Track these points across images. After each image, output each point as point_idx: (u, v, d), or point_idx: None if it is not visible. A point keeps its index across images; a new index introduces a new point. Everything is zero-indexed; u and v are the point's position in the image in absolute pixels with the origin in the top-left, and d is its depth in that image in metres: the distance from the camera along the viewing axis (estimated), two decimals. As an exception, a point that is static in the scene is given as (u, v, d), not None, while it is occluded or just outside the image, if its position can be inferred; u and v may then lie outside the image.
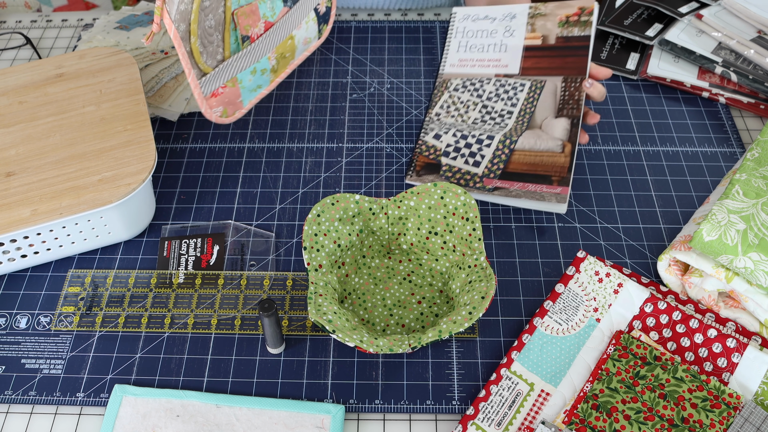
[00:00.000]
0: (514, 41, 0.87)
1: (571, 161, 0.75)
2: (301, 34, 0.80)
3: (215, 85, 0.73)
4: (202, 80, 0.72)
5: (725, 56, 0.89)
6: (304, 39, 0.81)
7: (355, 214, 0.70)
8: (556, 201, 0.73)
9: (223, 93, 0.74)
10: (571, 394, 0.62)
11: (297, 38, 0.80)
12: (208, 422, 0.62)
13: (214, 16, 0.71)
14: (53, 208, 0.67)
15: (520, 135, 0.79)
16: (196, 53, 0.70)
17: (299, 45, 0.81)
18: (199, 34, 0.70)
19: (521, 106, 0.81)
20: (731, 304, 0.67)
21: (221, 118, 0.75)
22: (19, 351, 0.68)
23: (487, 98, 0.83)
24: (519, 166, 0.76)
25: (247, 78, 0.76)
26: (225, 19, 0.72)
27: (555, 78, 0.82)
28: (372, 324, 0.68)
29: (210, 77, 0.72)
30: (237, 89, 0.75)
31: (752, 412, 0.59)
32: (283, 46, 0.78)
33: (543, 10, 0.85)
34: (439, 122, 0.83)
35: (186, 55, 0.70)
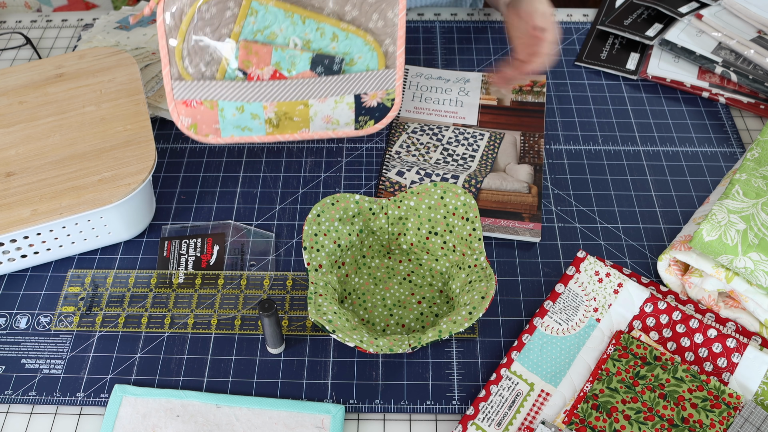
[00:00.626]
0: (470, 99, 0.89)
1: (539, 201, 0.76)
2: (322, 109, 0.71)
3: (190, 95, 0.70)
4: (177, 83, 0.70)
5: (725, 56, 0.89)
6: (326, 117, 0.72)
7: (355, 214, 0.70)
8: (530, 235, 0.74)
9: (196, 108, 0.70)
10: (571, 394, 0.62)
11: (314, 110, 0.71)
12: (208, 422, 0.62)
13: (213, 33, 0.68)
14: (53, 208, 0.67)
15: (485, 176, 0.79)
16: (178, 54, 0.68)
17: (317, 119, 0.72)
18: (187, 38, 0.68)
19: (483, 152, 0.82)
20: (731, 304, 0.67)
21: (189, 130, 0.72)
22: (19, 351, 0.68)
23: (447, 143, 0.84)
24: (488, 203, 0.76)
25: (231, 111, 0.71)
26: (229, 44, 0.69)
27: (514, 132, 0.85)
28: (372, 324, 0.68)
29: (186, 84, 0.70)
30: (215, 114, 0.71)
31: (752, 412, 0.59)
32: (290, 107, 0.71)
33: None
34: (401, 160, 0.81)
35: (166, 49, 0.68)
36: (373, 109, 0.73)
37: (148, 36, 0.96)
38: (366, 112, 0.73)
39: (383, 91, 0.72)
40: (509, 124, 0.86)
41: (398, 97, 0.73)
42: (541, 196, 0.77)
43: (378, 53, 0.70)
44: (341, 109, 0.72)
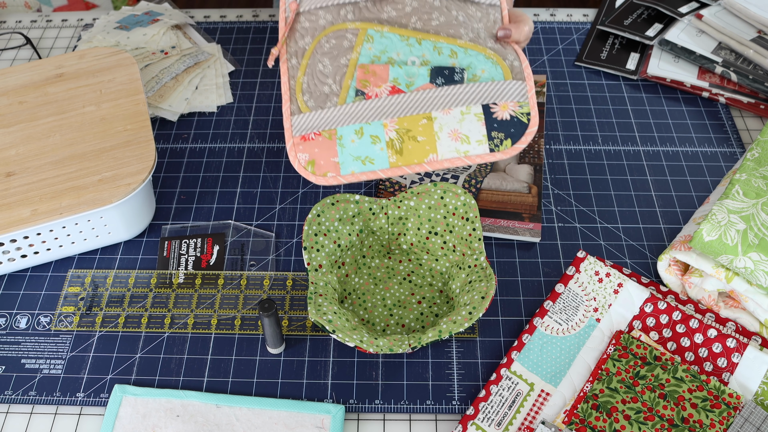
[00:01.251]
0: None
1: (539, 201, 0.76)
2: (448, 122, 0.64)
3: (308, 128, 0.64)
4: (296, 117, 0.65)
5: (725, 56, 0.89)
6: (453, 131, 0.63)
7: (355, 214, 0.70)
8: (530, 235, 0.74)
9: (314, 140, 0.64)
10: (571, 394, 0.62)
11: (439, 124, 0.64)
12: (208, 422, 0.62)
13: (332, 63, 0.66)
14: (53, 208, 0.67)
15: (485, 176, 0.79)
16: (298, 89, 0.66)
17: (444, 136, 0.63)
18: (307, 72, 0.66)
19: None
20: (731, 304, 0.67)
21: (306, 170, 0.63)
22: (19, 351, 0.68)
23: None
24: (488, 203, 0.76)
25: (350, 137, 0.64)
26: (347, 69, 0.67)
27: None
28: (372, 324, 0.68)
29: (305, 117, 0.65)
30: (333, 145, 0.64)
31: (752, 412, 0.59)
32: (412, 123, 0.64)
33: None
34: None
35: (287, 86, 0.67)
36: (506, 124, 0.64)
37: (148, 36, 0.96)
38: (499, 127, 0.64)
39: (515, 103, 0.64)
40: None
41: (534, 110, 0.64)
42: (541, 196, 0.77)
43: (502, 66, 0.66)
44: (469, 122, 0.64)
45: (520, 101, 0.65)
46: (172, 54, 0.95)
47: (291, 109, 0.66)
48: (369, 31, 0.68)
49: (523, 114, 0.64)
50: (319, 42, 0.68)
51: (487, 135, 0.64)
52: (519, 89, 0.65)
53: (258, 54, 0.97)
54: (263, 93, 0.92)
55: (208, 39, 0.99)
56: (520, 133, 0.64)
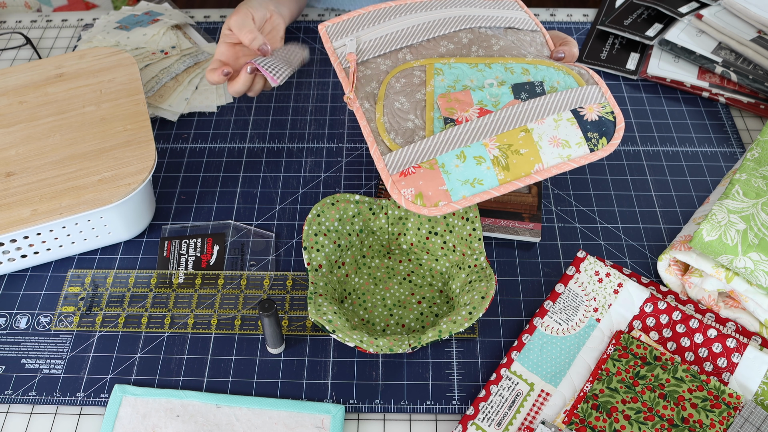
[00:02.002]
0: None
1: (539, 201, 0.76)
2: (545, 131, 0.65)
3: (405, 163, 0.63)
4: (388, 156, 0.64)
5: (725, 56, 0.89)
6: (552, 138, 0.64)
7: (355, 214, 0.70)
8: (530, 235, 0.74)
9: (415, 173, 0.63)
10: (571, 394, 0.62)
11: (537, 134, 0.65)
12: (208, 422, 0.62)
13: (408, 99, 0.67)
14: (53, 208, 0.67)
15: None
16: (381, 129, 0.66)
17: (545, 145, 0.64)
18: (385, 112, 0.67)
19: None
20: (731, 304, 0.67)
21: (416, 204, 0.62)
22: (19, 351, 0.68)
23: None
24: (488, 203, 0.76)
25: (452, 163, 0.63)
26: (426, 103, 0.67)
27: None
28: (372, 324, 0.68)
29: (398, 154, 0.64)
30: (437, 173, 0.62)
31: (752, 412, 0.59)
32: (512, 137, 0.64)
33: None
34: None
35: (368, 129, 0.67)
36: (597, 124, 0.66)
37: (148, 36, 0.96)
38: (592, 128, 0.66)
39: (597, 105, 0.67)
40: None
41: (616, 108, 0.67)
42: (541, 196, 0.77)
43: (573, 75, 0.69)
44: (565, 127, 0.65)
45: (602, 102, 0.67)
46: (172, 54, 0.95)
47: (380, 150, 0.65)
48: (436, 65, 0.70)
49: (608, 113, 0.66)
50: (388, 83, 0.69)
51: (584, 136, 0.65)
52: (596, 92, 0.68)
53: (258, 54, 0.97)
54: (263, 93, 0.92)
55: (208, 39, 0.99)
56: (611, 130, 0.66)
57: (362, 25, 0.74)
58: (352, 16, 0.75)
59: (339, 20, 0.75)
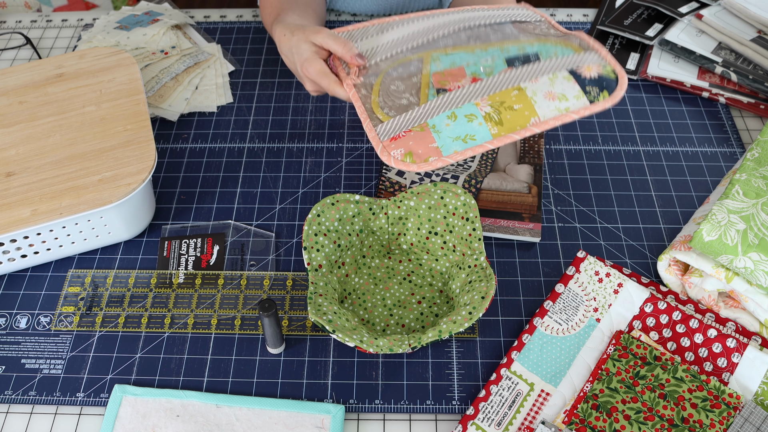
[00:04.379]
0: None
1: (539, 201, 0.76)
2: (540, 88, 0.64)
3: (395, 130, 0.64)
4: (380, 127, 0.65)
5: (725, 56, 0.89)
6: (547, 93, 0.63)
7: (355, 214, 0.70)
8: (530, 235, 0.74)
9: (405, 136, 0.63)
10: (571, 394, 0.62)
11: (532, 90, 0.64)
12: (208, 422, 0.62)
13: (404, 83, 0.67)
14: (53, 208, 0.67)
15: (485, 176, 0.79)
16: (375, 107, 0.67)
17: (540, 100, 0.63)
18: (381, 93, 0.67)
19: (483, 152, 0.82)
20: (731, 304, 0.67)
21: (405, 161, 0.62)
22: (19, 351, 0.68)
23: None
24: (488, 203, 0.76)
25: (443, 123, 0.63)
26: (421, 83, 0.67)
27: None
28: (372, 324, 0.68)
29: (389, 123, 0.65)
30: (428, 133, 0.63)
31: (752, 412, 0.59)
32: (505, 96, 0.64)
33: None
34: None
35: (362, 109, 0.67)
36: (596, 80, 0.64)
37: (148, 36, 0.96)
38: (591, 83, 0.64)
39: (597, 65, 0.65)
40: None
41: (617, 67, 0.65)
42: (541, 196, 0.77)
43: (572, 47, 0.68)
44: (561, 83, 0.64)
45: (601, 63, 0.66)
46: (172, 54, 0.95)
47: (372, 123, 0.65)
48: (433, 54, 0.70)
49: (609, 71, 0.65)
50: (386, 72, 0.69)
51: (582, 90, 0.64)
52: (595, 57, 0.66)
53: (258, 54, 0.97)
54: (263, 93, 0.92)
55: (208, 39, 0.99)
56: (612, 86, 0.65)
57: (368, 35, 0.75)
58: (360, 27, 0.76)
59: (347, 29, 0.76)
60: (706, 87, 0.89)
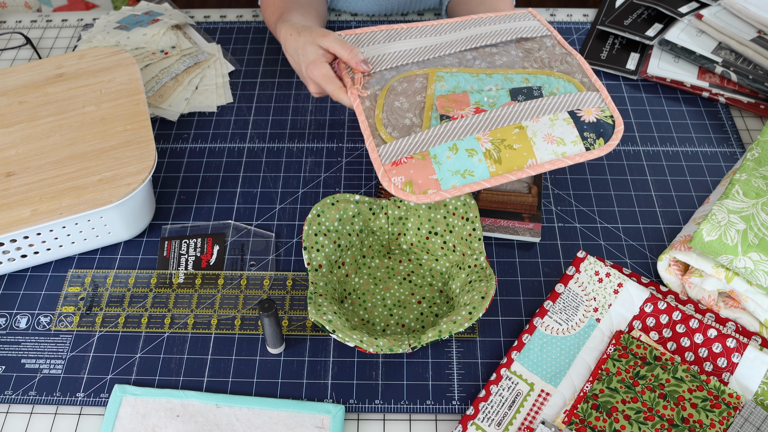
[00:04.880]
0: None
1: (539, 201, 0.76)
2: (540, 128, 0.65)
3: (398, 154, 0.65)
4: (382, 148, 0.66)
5: (725, 56, 0.89)
6: (547, 135, 0.64)
7: (355, 214, 0.70)
8: (530, 235, 0.74)
9: (407, 163, 0.64)
10: (571, 394, 0.62)
11: (532, 130, 0.65)
12: (208, 422, 0.62)
13: (408, 100, 0.68)
14: (53, 208, 0.67)
15: None
16: (379, 124, 0.67)
17: (539, 141, 0.64)
18: (385, 109, 0.68)
19: None
20: (731, 304, 0.67)
21: (405, 191, 0.63)
22: (19, 351, 0.68)
23: None
24: (488, 203, 0.76)
25: (444, 154, 0.64)
26: (425, 104, 0.68)
27: None
28: (372, 324, 0.68)
29: (392, 145, 0.65)
30: (429, 164, 0.63)
31: (752, 412, 0.59)
32: (506, 133, 0.65)
33: None
34: None
35: (366, 124, 0.68)
36: (594, 125, 0.66)
37: (148, 36, 0.96)
38: (589, 128, 0.66)
39: (596, 108, 0.67)
40: None
41: (615, 113, 0.67)
42: (541, 196, 0.77)
43: (574, 83, 0.70)
44: (560, 126, 0.65)
45: (601, 107, 0.67)
46: (172, 54, 0.94)
47: (375, 142, 0.66)
48: (438, 73, 0.71)
49: (607, 116, 0.67)
50: (390, 86, 0.70)
51: (579, 135, 0.65)
52: (596, 98, 0.68)
53: (258, 54, 0.97)
54: (263, 93, 0.92)
55: (208, 39, 0.99)
56: (609, 132, 0.66)
57: (375, 41, 0.75)
58: (368, 31, 0.77)
59: (354, 33, 0.76)
60: (706, 87, 0.89)
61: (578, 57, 0.73)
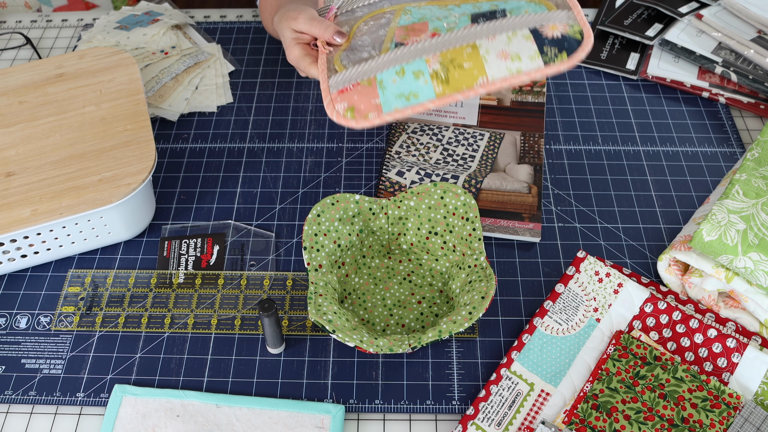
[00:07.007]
0: (470, 100, 0.87)
1: (539, 201, 0.76)
2: (494, 46, 0.61)
3: (345, 82, 0.63)
4: (333, 78, 0.64)
5: (725, 56, 0.89)
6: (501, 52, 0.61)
7: (355, 214, 0.70)
8: (530, 235, 0.74)
9: (352, 90, 0.62)
10: (571, 394, 0.62)
11: (485, 48, 0.61)
12: (208, 422, 0.62)
13: (370, 37, 0.66)
14: (53, 208, 0.67)
15: (485, 176, 0.79)
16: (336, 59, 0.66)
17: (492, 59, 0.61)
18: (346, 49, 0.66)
19: (483, 152, 0.82)
20: (731, 304, 0.67)
21: (346, 117, 0.61)
22: (19, 351, 0.68)
23: (447, 143, 0.83)
24: (488, 203, 0.76)
25: (390, 78, 0.62)
26: (386, 37, 0.66)
27: (514, 132, 0.84)
28: (372, 324, 0.68)
29: (342, 74, 0.64)
30: (374, 89, 0.62)
31: (752, 412, 0.59)
32: (457, 54, 0.62)
33: None
34: (401, 160, 0.81)
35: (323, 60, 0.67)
36: (558, 40, 0.61)
37: (148, 36, 0.96)
38: (551, 43, 0.60)
39: (564, 24, 0.61)
40: (509, 124, 0.86)
41: (586, 27, 0.62)
42: (541, 196, 0.77)
43: (546, 4, 0.65)
44: (517, 42, 0.61)
45: (569, 23, 0.63)
46: (172, 54, 0.95)
47: (328, 74, 0.64)
48: (406, 8, 0.68)
49: (575, 32, 0.62)
50: (358, 28, 0.68)
51: (538, 50, 0.61)
52: (566, 15, 0.63)
53: (258, 54, 0.97)
54: (263, 93, 0.92)
55: (208, 39, 0.99)
56: (574, 46, 0.61)
57: None
58: None
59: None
60: (706, 87, 0.89)
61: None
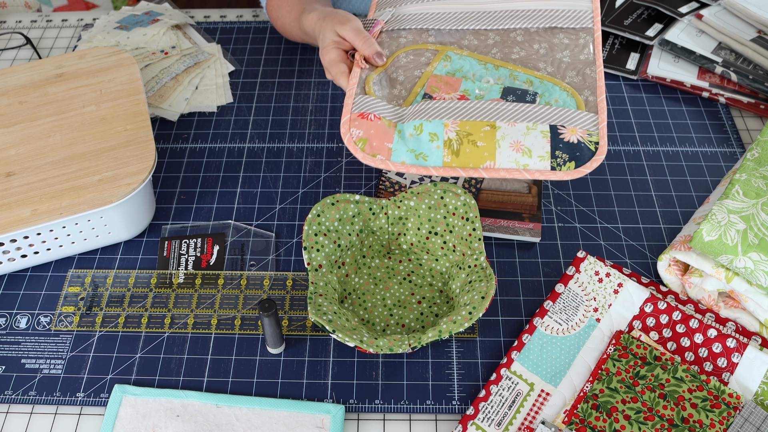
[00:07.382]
0: None
1: (539, 201, 0.76)
2: (511, 133, 0.61)
3: (369, 109, 0.64)
4: (359, 97, 0.65)
5: (725, 56, 0.89)
6: (515, 143, 0.61)
7: (355, 214, 0.70)
8: (530, 235, 0.74)
9: (372, 122, 0.63)
10: (571, 394, 0.62)
11: (502, 133, 0.61)
12: (208, 422, 0.62)
13: (405, 74, 0.68)
14: (53, 208, 0.67)
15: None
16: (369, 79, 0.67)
17: (505, 146, 0.61)
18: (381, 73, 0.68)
19: None
20: (731, 304, 0.67)
21: (357, 146, 0.62)
22: (19, 351, 0.68)
23: None
24: (488, 204, 0.76)
25: (408, 131, 0.63)
26: (419, 80, 0.68)
27: None
28: (372, 324, 0.68)
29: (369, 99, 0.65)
30: (391, 133, 0.62)
31: (752, 412, 0.59)
32: (474, 128, 0.62)
33: None
34: None
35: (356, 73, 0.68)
36: (572, 146, 0.61)
37: (148, 36, 0.96)
38: (564, 148, 0.61)
39: (584, 130, 0.62)
40: None
41: (603, 140, 0.62)
42: (541, 196, 0.77)
43: (576, 99, 0.66)
44: (534, 137, 0.61)
45: (590, 130, 0.63)
46: (172, 54, 0.95)
47: (356, 89, 0.65)
48: (448, 53, 0.70)
49: (591, 142, 0.62)
50: (397, 57, 0.69)
51: (550, 152, 0.61)
52: (590, 119, 0.64)
53: (258, 54, 0.97)
54: (263, 93, 0.92)
55: (208, 39, 0.99)
56: (585, 158, 0.62)
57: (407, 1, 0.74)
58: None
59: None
60: (706, 87, 0.89)
61: (599, 70, 0.68)
